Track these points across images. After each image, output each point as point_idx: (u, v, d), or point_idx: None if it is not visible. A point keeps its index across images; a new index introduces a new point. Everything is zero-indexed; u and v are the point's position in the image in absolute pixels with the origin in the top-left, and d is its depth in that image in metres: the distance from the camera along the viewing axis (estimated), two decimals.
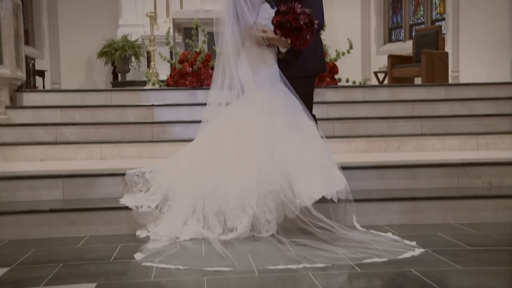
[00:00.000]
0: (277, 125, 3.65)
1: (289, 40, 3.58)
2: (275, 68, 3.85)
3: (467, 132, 5.33)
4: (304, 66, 3.90)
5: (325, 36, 5.40)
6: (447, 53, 8.16)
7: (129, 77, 10.86)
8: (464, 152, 5.11)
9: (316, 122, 3.88)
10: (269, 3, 3.89)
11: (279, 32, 3.53)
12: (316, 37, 3.85)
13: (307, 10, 3.49)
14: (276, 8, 3.73)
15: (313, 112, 4.01)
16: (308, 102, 3.94)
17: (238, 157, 3.64)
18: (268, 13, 3.82)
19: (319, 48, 4.02)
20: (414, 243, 3.26)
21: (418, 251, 3.10)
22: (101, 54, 10.83)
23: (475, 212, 3.91)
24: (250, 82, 3.81)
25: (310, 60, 3.92)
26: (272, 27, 3.69)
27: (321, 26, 3.80)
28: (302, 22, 3.42)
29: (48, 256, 3.17)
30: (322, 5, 3.92)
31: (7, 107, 5.52)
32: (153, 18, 7.34)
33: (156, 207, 3.73)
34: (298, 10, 3.44)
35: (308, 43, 3.53)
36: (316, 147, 3.66)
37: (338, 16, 11.41)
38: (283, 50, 3.76)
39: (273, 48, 3.83)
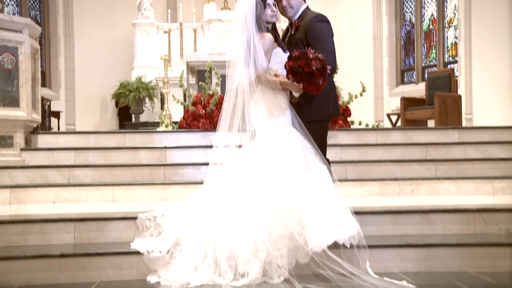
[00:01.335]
0: (289, 169, 3.63)
1: (301, 85, 3.59)
2: (288, 112, 3.86)
3: (482, 176, 5.26)
4: (318, 110, 3.90)
5: (337, 78, 5.42)
6: (460, 96, 8.16)
7: (143, 118, 10.96)
8: (479, 196, 5.02)
9: (330, 166, 3.86)
10: (282, 47, 3.93)
11: (291, 77, 3.55)
12: (330, 81, 3.86)
13: (319, 55, 3.50)
14: (288, 53, 3.76)
15: (326, 155, 3.99)
16: (321, 146, 3.92)
17: (250, 200, 3.62)
18: (280, 57, 3.86)
19: (332, 92, 4.02)
20: None
21: None
22: (116, 95, 10.98)
23: (493, 260, 3.81)
24: (262, 125, 3.81)
25: (324, 104, 3.92)
26: (284, 72, 3.71)
27: (334, 70, 3.82)
28: (314, 68, 3.43)
29: None
30: (335, 49, 3.94)
31: (22, 149, 5.57)
32: (167, 61, 7.45)
33: (167, 252, 3.70)
34: (311, 56, 3.46)
35: (320, 88, 3.54)
36: (328, 191, 3.64)
37: (350, 57, 11.52)
38: (296, 94, 3.78)
39: (286, 92, 3.85)
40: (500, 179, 5.16)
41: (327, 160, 3.89)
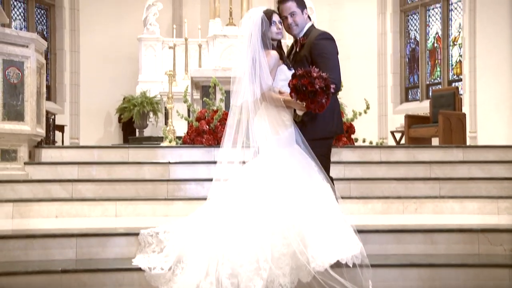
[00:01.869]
0: (292, 186, 3.61)
1: (304, 104, 3.58)
2: (292, 129, 3.85)
3: (487, 195, 5.23)
4: (322, 127, 3.88)
5: (341, 94, 5.43)
6: (464, 114, 8.15)
7: (147, 132, 10.99)
8: (484, 216, 4.99)
9: (333, 184, 3.84)
10: (287, 65, 3.94)
11: (294, 96, 3.53)
12: (334, 98, 3.84)
13: (323, 74, 3.49)
14: (293, 70, 3.76)
15: (330, 173, 3.98)
16: (325, 163, 3.90)
17: (252, 218, 3.60)
18: (285, 74, 3.85)
19: (336, 110, 4.01)
20: None
21: None
22: (120, 109, 11.02)
23: (497, 281, 3.78)
24: (266, 142, 3.80)
25: (328, 122, 3.91)
26: (288, 89, 3.70)
27: (338, 89, 3.81)
28: (317, 86, 3.42)
29: None
30: (339, 67, 3.93)
31: (25, 163, 5.58)
32: (171, 76, 7.48)
33: (169, 269, 3.67)
34: (315, 74, 3.44)
35: (323, 107, 3.52)
36: (332, 209, 3.61)
37: (355, 73, 11.55)
38: (299, 113, 3.77)
39: (290, 109, 3.84)
40: (504, 199, 5.13)
41: (331, 178, 3.88)
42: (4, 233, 4.07)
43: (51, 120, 9.02)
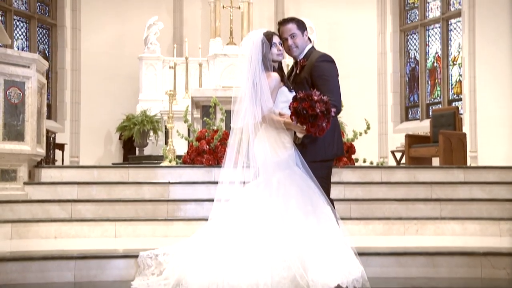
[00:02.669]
0: (292, 209, 3.59)
1: (304, 127, 3.57)
2: (292, 151, 3.83)
3: (488, 217, 5.21)
4: (322, 149, 3.86)
5: (342, 113, 5.42)
6: (465, 134, 8.15)
7: (147, 151, 10.98)
8: (485, 238, 4.96)
9: (334, 206, 3.81)
10: (287, 87, 3.93)
11: (295, 119, 3.52)
12: (334, 120, 3.83)
13: (324, 98, 3.48)
14: (293, 92, 3.76)
15: (331, 195, 3.95)
16: (325, 186, 3.88)
17: (253, 241, 3.57)
18: (286, 96, 3.85)
19: (337, 131, 3.99)
20: None
21: None
22: (120, 128, 11.03)
23: None
24: (266, 164, 3.79)
25: (328, 144, 3.89)
26: (289, 112, 3.69)
27: (339, 112, 3.81)
28: (318, 110, 3.40)
29: None
30: (340, 90, 3.93)
31: (25, 183, 5.56)
32: (172, 96, 7.49)
33: None
34: (316, 98, 3.43)
35: (324, 131, 3.51)
36: (332, 232, 3.58)
37: (355, 92, 11.58)
38: (300, 135, 3.76)
39: (290, 131, 3.83)
40: (506, 221, 5.11)
41: (331, 200, 3.85)
42: (1, 254, 4.03)
43: (51, 138, 9.01)
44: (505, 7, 9.42)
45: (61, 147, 10.36)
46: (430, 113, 10.76)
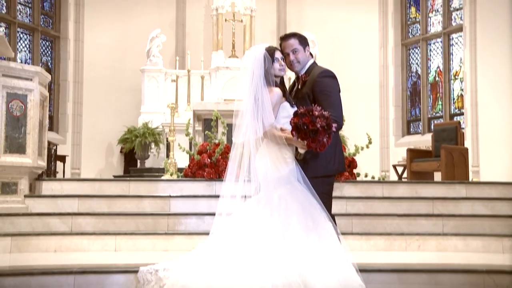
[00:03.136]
0: (293, 226, 3.57)
1: (305, 142, 3.56)
2: (293, 167, 3.82)
3: (491, 233, 5.18)
4: (323, 165, 3.85)
5: (343, 126, 5.43)
6: (467, 149, 8.13)
7: (148, 163, 10.97)
8: (488, 254, 4.93)
9: (335, 221, 3.79)
10: (289, 102, 3.93)
11: (295, 134, 3.51)
12: (335, 135, 3.82)
13: (325, 113, 3.47)
14: (295, 107, 3.75)
15: (332, 210, 3.93)
16: (326, 201, 3.86)
17: (253, 258, 3.54)
18: (287, 112, 3.84)
19: (338, 147, 3.98)
20: None
21: None
22: (122, 140, 11.03)
23: None
24: (267, 180, 3.77)
25: (330, 160, 3.87)
26: (290, 127, 3.69)
27: (340, 127, 3.80)
28: (319, 125, 3.39)
29: None
30: (341, 105, 3.92)
31: (25, 196, 5.55)
32: (173, 109, 7.50)
33: None
34: (316, 113, 3.42)
35: (324, 146, 3.50)
36: (333, 249, 3.56)
37: (356, 105, 11.58)
38: (301, 151, 3.75)
39: (292, 146, 3.82)
40: (509, 237, 5.09)
41: (332, 216, 3.83)
42: (1, 269, 4.00)
43: (52, 150, 9.02)
44: (507, 22, 9.45)
45: (63, 159, 10.36)
46: (432, 127, 10.75)
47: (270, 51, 3.85)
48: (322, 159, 3.83)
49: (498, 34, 9.56)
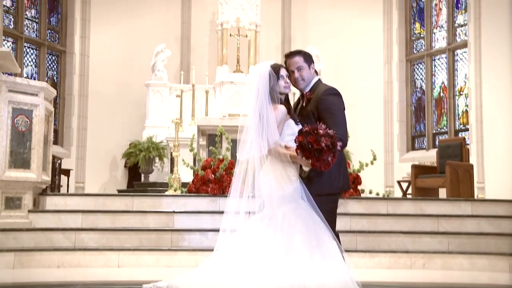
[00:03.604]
0: (297, 245, 3.54)
1: (310, 161, 3.54)
2: (297, 184, 3.80)
3: (497, 252, 5.14)
4: (328, 183, 3.83)
5: (348, 142, 5.42)
6: (472, 165, 8.09)
7: (152, 177, 10.96)
8: (494, 273, 4.89)
9: (339, 239, 3.77)
10: (294, 119, 3.92)
11: (300, 153, 3.50)
12: (340, 153, 3.80)
13: (330, 131, 3.46)
14: (300, 125, 3.75)
15: (336, 227, 3.90)
16: (331, 220, 3.83)
17: (257, 276, 3.52)
18: (292, 129, 3.83)
19: (343, 165, 3.96)
20: None
21: None
22: (126, 154, 11.04)
23: None
24: (271, 198, 3.75)
25: (334, 178, 3.85)
26: (295, 144, 3.67)
27: (345, 145, 3.78)
28: (323, 144, 3.37)
29: None
30: (346, 123, 3.90)
31: (29, 211, 5.55)
32: (178, 125, 7.50)
33: None
34: (321, 132, 3.41)
35: (329, 165, 3.48)
36: (337, 269, 3.53)
37: (361, 121, 11.57)
38: (306, 169, 3.73)
39: (296, 164, 3.81)
40: None
41: (336, 234, 3.80)
42: (3, 285, 3.99)
43: (57, 164, 9.02)
44: (511, 38, 9.45)
45: (67, 172, 10.37)
46: (437, 142, 10.73)
47: (276, 69, 3.85)
48: (326, 177, 3.81)
49: (503, 50, 9.56)
